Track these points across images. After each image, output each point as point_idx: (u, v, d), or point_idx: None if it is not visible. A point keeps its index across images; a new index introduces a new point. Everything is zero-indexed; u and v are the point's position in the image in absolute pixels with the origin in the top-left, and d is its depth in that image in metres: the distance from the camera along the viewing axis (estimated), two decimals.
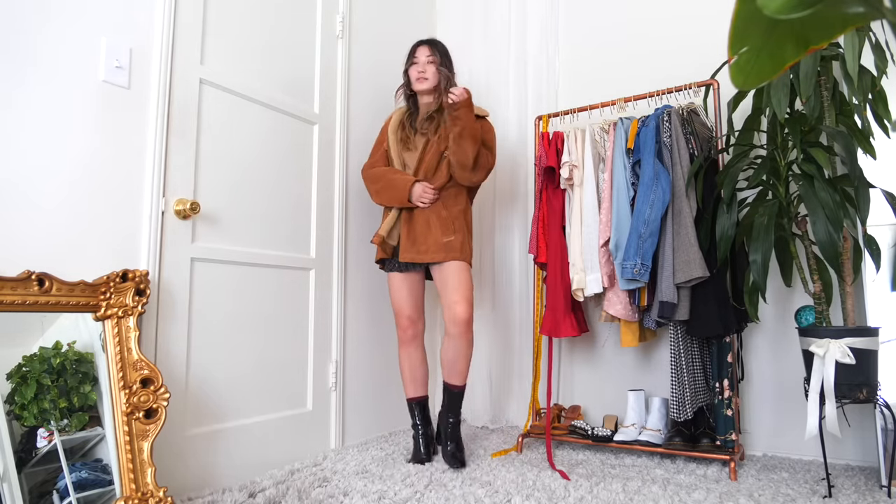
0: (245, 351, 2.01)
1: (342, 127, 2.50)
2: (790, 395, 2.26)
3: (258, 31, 2.15)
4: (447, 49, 2.34)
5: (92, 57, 1.62)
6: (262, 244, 2.11)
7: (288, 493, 1.74)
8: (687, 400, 2.01)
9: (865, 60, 1.74)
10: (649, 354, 2.59)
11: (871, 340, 1.71)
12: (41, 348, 1.42)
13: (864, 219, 1.73)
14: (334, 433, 2.34)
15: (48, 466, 1.36)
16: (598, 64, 2.86)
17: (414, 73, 2.29)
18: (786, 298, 2.31)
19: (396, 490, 1.79)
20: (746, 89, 0.68)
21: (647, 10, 2.74)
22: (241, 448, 1.94)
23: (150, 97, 1.76)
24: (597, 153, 2.35)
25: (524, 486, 1.83)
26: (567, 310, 2.30)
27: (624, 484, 1.85)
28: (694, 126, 2.16)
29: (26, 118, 1.48)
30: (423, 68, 2.27)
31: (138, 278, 1.60)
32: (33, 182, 1.49)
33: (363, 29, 2.69)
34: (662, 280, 2.05)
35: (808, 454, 2.20)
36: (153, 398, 1.52)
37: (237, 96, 2.05)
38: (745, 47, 0.51)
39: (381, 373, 2.63)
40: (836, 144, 1.78)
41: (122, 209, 1.67)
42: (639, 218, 2.09)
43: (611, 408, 2.61)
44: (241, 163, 2.05)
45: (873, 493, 1.76)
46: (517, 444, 2.33)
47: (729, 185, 1.92)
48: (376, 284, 2.65)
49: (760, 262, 1.78)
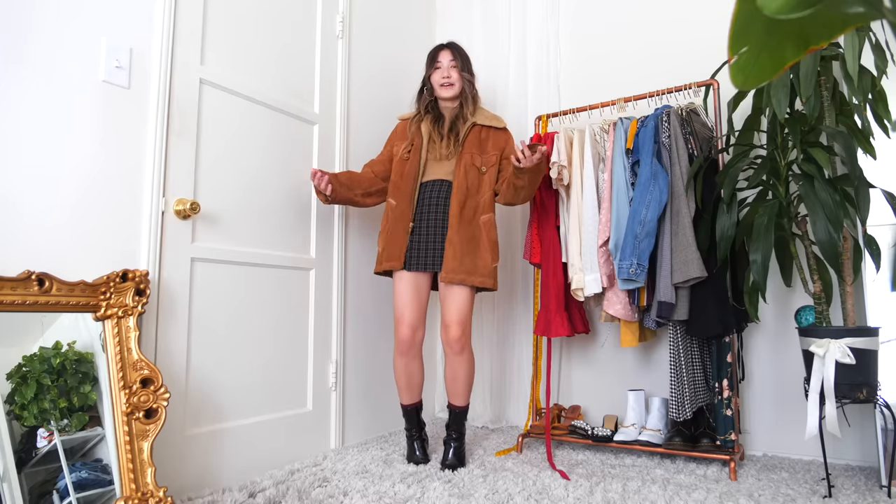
0: (245, 351, 2.01)
1: (342, 127, 2.50)
2: (790, 395, 2.26)
3: (258, 31, 2.15)
4: (467, 54, 2.28)
5: (92, 57, 1.62)
6: (262, 244, 2.11)
7: (288, 493, 1.74)
8: (687, 400, 2.01)
9: (865, 60, 1.74)
10: (649, 354, 2.59)
11: (871, 340, 1.71)
12: (41, 348, 1.42)
13: (864, 219, 1.73)
14: (334, 433, 2.34)
15: (48, 466, 1.36)
16: (598, 64, 2.85)
17: (438, 78, 2.20)
18: (786, 298, 2.31)
19: (396, 490, 1.79)
20: (746, 89, 0.68)
21: (648, 9, 2.74)
22: (241, 448, 1.94)
23: (150, 97, 1.76)
24: (597, 153, 2.34)
25: (524, 486, 1.83)
26: (559, 309, 2.29)
27: (624, 484, 1.85)
28: (693, 126, 2.16)
29: (26, 118, 1.48)
30: (447, 73, 2.19)
31: (138, 278, 1.60)
32: (33, 182, 1.49)
33: (363, 29, 2.69)
34: (661, 280, 2.05)
35: (808, 454, 2.20)
36: (153, 398, 1.52)
37: (237, 96, 2.05)
38: (745, 47, 0.51)
39: (381, 373, 2.63)
40: (836, 144, 1.78)
41: (122, 209, 1.67)
42: (635, 218, 2.09)
43: (611, 408, 2.60)
44: (241, 163, 2.05)
45: (873, 493, 1.76)
46: (517, 444, 2.33)
47: (729, 185, 1.92)
48: (376, 284, 2.65)
49: (760, 262, 1.78)
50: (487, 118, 2.23)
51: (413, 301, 2.14)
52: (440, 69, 2.21)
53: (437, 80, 2.21)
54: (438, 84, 2.21)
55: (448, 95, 2.20)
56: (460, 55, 2.24)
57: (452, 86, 2.19)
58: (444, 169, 2.16)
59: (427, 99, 2.26)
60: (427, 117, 2.24)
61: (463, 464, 2.09)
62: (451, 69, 2.20)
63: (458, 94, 2.21)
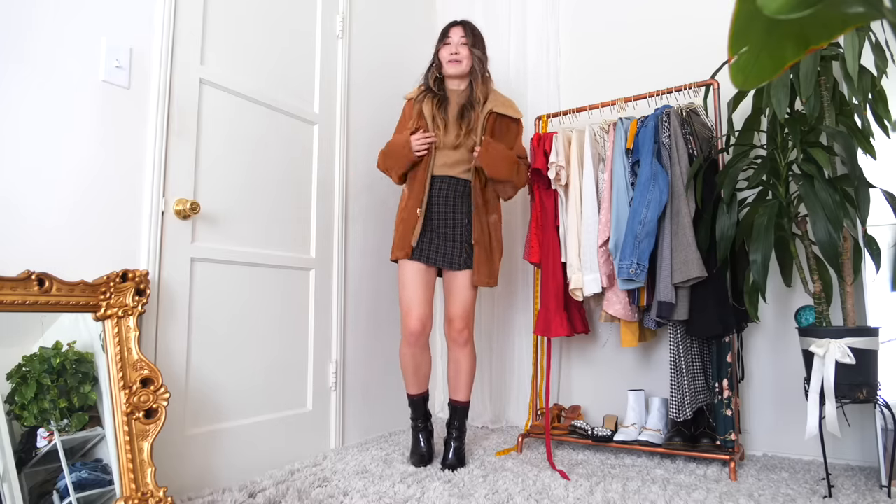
0: (245, 351, 2.01)
1: (342, 127, 2.50)
2: (790, 395, 2.26)
3: (258, 31, 2.15)
4: (481, 33, 2.20)
5: (92, 57, 1.62)
6: (262, 244, 2.11)
7: (288, 493, 1.74)
8: (687, 400, 2.01)
9: (865, 60, 1.74)
10: (649, 354, 2.59)
11: (871, 340, 1.71)
12: (41, 348, 1.42)
13: (864, 219, 1.73)
14: (334, 433, 2.34)
15: (48, 466, 1.36)
16: (598, 63, 2.85)
17: (446, 53, 2.12)
18: (786, 298, 2.31)
19: (396, 490, 1.79)
20: (746, 89, 0.68)
21: (648, 9, 2.74)
22: (241, 448, 1.94)
23: (150, 97, 1.76)
24: (597, 153, 2.34)
25: (524, 486, 1.83)
26: (558, 309, 2.29)
27: (624, 484, 1.85)
28: (693, 126, 2.16)
29: (26, 118, 1.48)
30: (455, 49, 2.10)
31: (138, 278, 1.60)
32: (33, 182, 1.49)
33: (363, 29, 2.69)
34: (661, 280, 2.05)
35: (808, 454, 2.20)
36: (153, 398, 1.52)
37: (237, 96, 2.05)
38: (745, 47, 0.51)
39: (380, 373, 2.63)
40: (836, 144, 1.78)
41: (122, 209, 1.67)
42: (635, 218, 2.09)
43: (611, 408, 2.60)
44: (241, 163, 2.05)
45: (873, 493, 1.76)
46: (517, 444, 2.33)
47: (729, 185, 1.92)
48: (376, 284, 2.65)
49: (760, 262, 1.78)
50: (503, 105, 2.14)
51: (422, 293, 2.08)
52: (449, 45, 2.13)
53: (445, 56, 2.13)
54: (446, 60, 2.13)
55: (455, 72, 2.12)
56: (472, 32, 2.15)
57: (460, 63, 2.11)
58: (452, 159, 2.09)
59: (434, 74, 2.17)
60: (430, 98, 2.14)
61: (463, 464, 2.08)
62: (461, 46, 2.12)
63: (467, 72, 2.13)
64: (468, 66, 2.12)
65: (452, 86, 2.18)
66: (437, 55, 2.18)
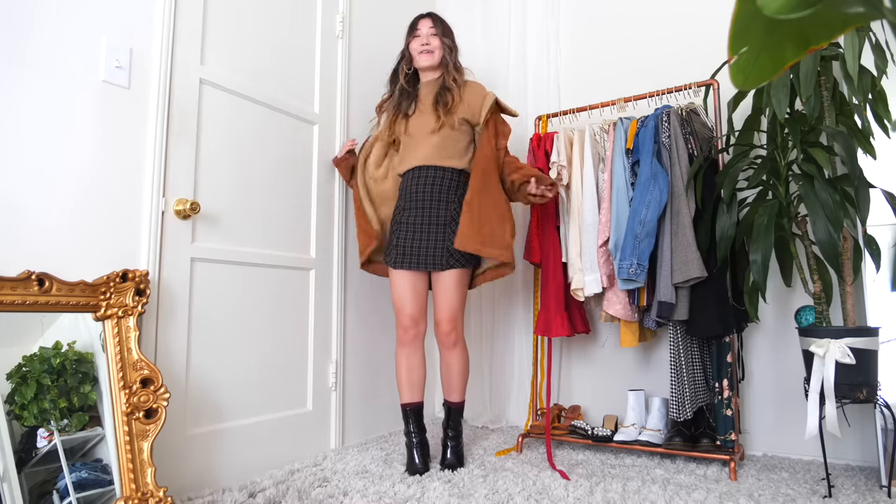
0: (245, 351, 2.01)
1: (342, 127, 2.50)
2: (790, 395, 2.26)
3: (258, 31, 2.15)
4: (449, 25, 2.20)
5: (92, 57, 1.62)
6: (262, 244, 2.11)
7: (288, 493, 1.74)
8: (687, 400, 2.01)
9: (865, 60, 1.74)
10: (649, 354, 2.59)
11: (871, 340, 1.71)
12: (41, 348, 1.42)
13: (864, 219, 1.73)
14: (334, 433, 2.34)
15: (48, 466, 1.36)
16: (598, 63, 2.85)
17: (417, 46, 2.10)
18: (786, 298, 2.31)
19: (396, 490, 1.79)
20: (746, 89, 0.68)
21: (648, 10, 2.74)
22: (241, 448, 1.94)
23: (150, 97, 1.76)
24: (597, 153, 2.34)
25: (524, 486, 1.83)
26: (559, 309, 2.29)
27: (624, 484, 1.85)
28: (693, 126, 2.16)
29: (26, 118, 1.48)
30: (426, 40, 2.09)
31: (138, 278, 1.60)
32: (33, 182, 1.49)
33: (363, 29, 2.69)
34: (661, 280, 2.05)
35: (808, 454, 2.20)
36: (153, 398, 1.52)
37: (237, 96, 2.05)
38: (745, 47, 0.51)
39: (381, 373, 2.63)
40: (836, 144, 1.78)
41: (121, 209, 1.67)
42: (635, 218, 2.09)
43: (611, 408, 2.60)
44: (241, 163, 2.05)
45: (873, 493, 1.76)
46: (517, 444, 2.33)
47: (729, 185, 1.92)
48: (376, 284, 2.65)
49: (760, 262, 1.78)
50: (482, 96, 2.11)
51: (411, 294, 2.09)
52: (419, 37, 2.13)
53: (416, 48, 2.12)
54: (417, 52, 2.11)
55: (427, 63, 2.11)
56: (441, 24, 2.15)
57: (432, 53, 2.10)
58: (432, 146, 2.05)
59: (404, 70, 2.17)
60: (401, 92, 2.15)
61: (462, 463, 2.08)
62: (432, 36, 2.10)
63: (439, 62, 2.13)
64: (440, 56, 2.12)
65: (426, 78, 2.17)
66: (408, 48, 2.17)
